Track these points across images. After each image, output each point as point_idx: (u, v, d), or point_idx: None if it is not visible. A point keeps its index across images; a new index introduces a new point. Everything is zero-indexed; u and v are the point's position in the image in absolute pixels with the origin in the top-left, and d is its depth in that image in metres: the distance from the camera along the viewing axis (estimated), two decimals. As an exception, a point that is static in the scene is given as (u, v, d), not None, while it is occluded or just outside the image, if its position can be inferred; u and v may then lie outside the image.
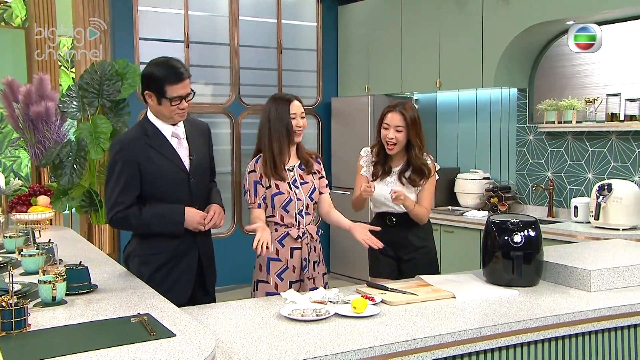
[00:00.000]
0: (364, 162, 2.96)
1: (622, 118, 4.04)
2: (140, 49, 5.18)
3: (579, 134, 4.41)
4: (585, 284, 2.27)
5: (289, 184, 2.62)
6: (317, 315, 1.92)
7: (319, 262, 2.70)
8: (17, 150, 5.34)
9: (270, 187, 2.61)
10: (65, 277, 1.96)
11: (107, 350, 1.48)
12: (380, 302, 2.09)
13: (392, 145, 2.82)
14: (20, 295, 1.90)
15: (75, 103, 4.40)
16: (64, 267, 2.05)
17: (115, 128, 4.31)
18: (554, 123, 4.38)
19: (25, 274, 2.27)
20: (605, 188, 3.83)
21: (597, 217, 3.84)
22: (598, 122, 4.20)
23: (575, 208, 4.12)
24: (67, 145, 4.22)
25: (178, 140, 2.44)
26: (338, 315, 1.94)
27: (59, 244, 2.87)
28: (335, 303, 2.07)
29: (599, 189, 3.86)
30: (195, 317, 1.92)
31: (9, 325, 1.59)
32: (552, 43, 4.59)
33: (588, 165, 4.38)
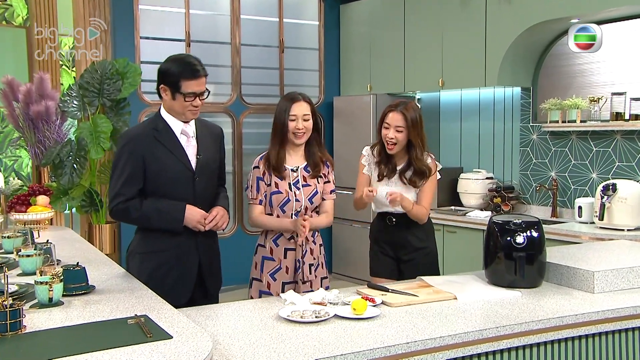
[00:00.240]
0: (366, 161, 2.95)
1: (627, 117, 4.00)
2: (141, 48, 5.17)
3: (583, 134, 4.38)
4: (589, 286, 2.24)
5: (290, 184, 2.61)
6: (316, 317, 1.90)
7: (318, 265, 2.67)
8: (18, 150, 5.34)
9: (271, 185, 2.61)
10: (62, 278, 1.95)
11: (102, 353, 1.47)
12: (381, 303, 2.07)
13: (392, 145, 2.80)
14: (17, 297, 1.88)
15: (76, 102, 4.39)
16: (61, 267, 2.03)
17: (116, 127, 4.30)
18: (558, 122, 4.35)
19: (23, 275, 2.26)
20: (610, 188, 3.80)
21: (601, 217, 3.82)
22: (602, 121, 4.17)
23: (580, 208, 4.10)
24: (67, 145, 4.21)
25: (187, 138, 2.44)
26: (338, 317, 1.92)
27: (58, 244, 2.87)
28: (335, 304, 2.05)
29: (604, 189, 3.83)
30: (194, 318, 1.91)
31: (4, 327, 1.58)
32: (555, 42, 4.56)
33: (592, 165, 4.35)
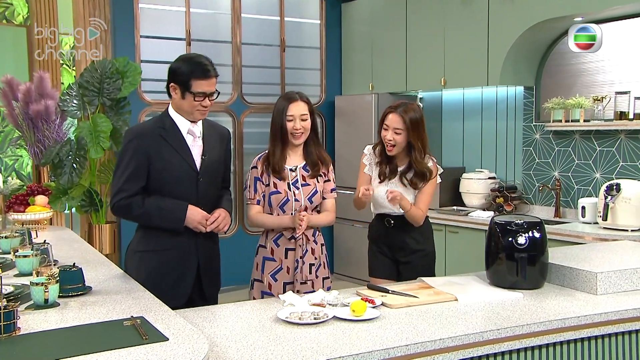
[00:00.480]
0: (367, 160, 2.93)
1: (631, 117, 3.97)
2: (141, 47, 5.16)
3: (587, 133, 4.34)
4: (592, 287, 2.21)
5: (289, 184, 2.59)
6: (315, 319, 1.88)
7: (320, 265, 2.65)
8: (18, 150, 5.33)
9: (269, 185, 2.60)
10: (59, 278, 1.93)
11: (96, 355, 1.45)
12: (381, 304, 2.05)
13: (390, 147, 2.79)
14: (12, 298, 1.87)
15: (76, 101, 4.38)
16: (58, 268, 2.02)
17: (116, 127, 4.28)
18: (561, 122, 4.32)
19: (20, 275, 2.25)
20: (614, 188, 3.77)
21: (605, 217, 3.79)
22: (606, 120, 4.13)
23: (583, 208, 4.06)
24: (66, 144, 4.20)
25: (193, 138, 2.43)
26: (336, 319, 1.90)
27: (56, 245, 2.85)
28: (335, 306, 2.03)
29: (607, 189, 3.80)
30: (191, 320, 1.89)
31: (-2, 329, 1.56)
32: (559, 40, 4.53)
33: (596, 165, 4.32)
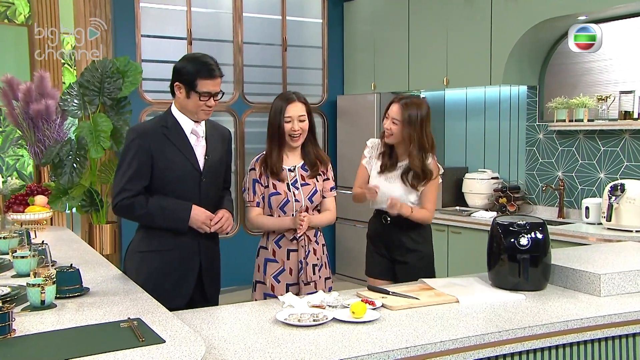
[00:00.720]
0: (368, 152, 2.92)
1: (635, 116, 3.94)
2: (142, 46, 5.15)
3: (591, 133, 4.31)
4: (595, 289, 2.19)
5: (288, 185, 2.57)
6: (314, 321, 1.86)
7: (322, 265, 2.64)
8: (20, 149, 5.33)
9: (268, 186, 2.57)
10: (56, 280, 1.91)
11: (92, 358, 1.43)
12: (381, 306, 2.04)
13: (388, 135, 2.78)
14: (8, 299, 1.85)
15: (76, 101, 4.36)
16: (55, 269, 2.00)
17: (116, 126, 4.27)
18: (565, 121, 4.29)
19: (17, 276, 2.23)
20: (618, 188, 3.74)
21: (609, 218, 3.75)
22: (610, 120, 4.10)
23: (587, 209, 4.04)
24: (67, 144, 4.19)
25: (196, 138, 2.42)
26: (336, 321, 1.88)
27: (55, 245, 2.84)
28: (334, 307, 2.02)
29: (612, 189, 3.77)
30: (189, 321, 1.88)
31: (-8, 331, 1.54)
32: (562, 39, 4.49)
33: (600, 165, 4.28)
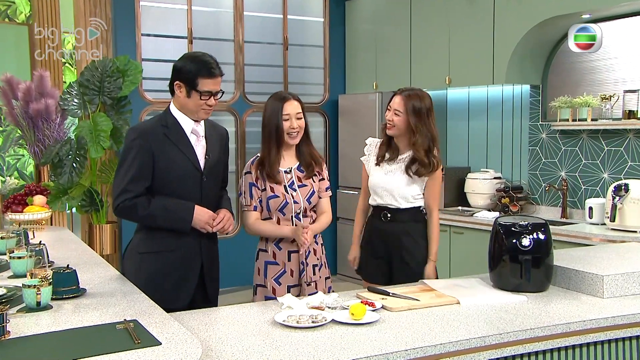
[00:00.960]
0: (368, 150, 2.91)
1: (639, 115, 3.90)
2: (143, 45, 5.14)
3: (594, 132, 4.28)
4: (598, 290, 2.16)
5: (285, 187, 2.54)
6: (313, 322, 1.84)
7: (321, 265, 2.63)
8: (20, 149, 5.32)
9: (265, 189, 2.53)
10: (52, 281, 1.89)
11: (86, 360, 1.41)
12: (381, 307, 2.01)
13: (390, 127, 2.76)
14: (4, 300, 1.83)
15: (76, 100, 4.35)
16: (51, 270, 1.98)
17: (116, 126, 4.25)
18: (568, 121, 4.26)
19: (14, 277, 2.22)
20: (622, 188, 3.71)
21: (612, 218, 3.72)
22: (614, 119, 4.07)
23: (590, 209, 4.00)
24: (66, 144, 4.17)
25: (197, 138, 2.40)
26: (335, 322, 1.86)
27: (54, 245, 2.83)
28: (334, 309, 2.00)
29: (615, 190, 3.74)
30: (187, 323, 1.86)
31: (-14, 333, 1.53)
32: (566, 38, 4.44)
33: (604, 165, 4.25)
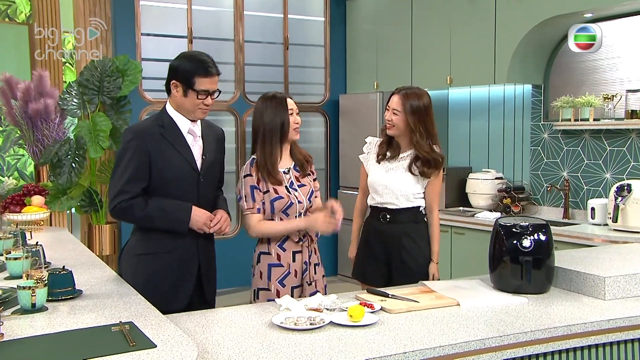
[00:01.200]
0: (367, 148, 2.90)
1: (642, 115, 3.88)
2: (142, 45, 5.13)
3: (597, 132, 4.25)
4: (600, 292, 2.14)
5: (287, 188, 2.52)
6: (311, 324, 1.82)
7: (319, 264, 2.63)
8: (20, 149, 5.32)
9: (269, 191, 2.49)
10: (47, 282, 1.88)
11: (79, 363, 1.40)
12: (380, 309, 1.99)
13: (389, 127, 2.74)
14: (0, 302, 1.82)
15: (76, 100, 4.34)
16: (47, 271, 1.96)
17: (116, 126, 4.24)
18: (570, 121, 4.23)
19: (10, 278, 2.21)
20: (625, 189, 3.68)
21: (615, 219, 3.69)
22: (617, 119, 4.04)
23: (592, 210, 3.97)
24: (65, 144, 4.16)
25: (193, 138, 2.39)
26: (333, 324, 1.84)
27: (51, 246, 2.82)
28: (332, 310, 1.98)
29: (618, 190, 3.71)
30: (184, 325, 1.84)
31: (-21, 335, 1.51)
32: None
33: (606, 165, 4.22)
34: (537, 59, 4.54)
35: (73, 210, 4.61)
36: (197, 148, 2.39)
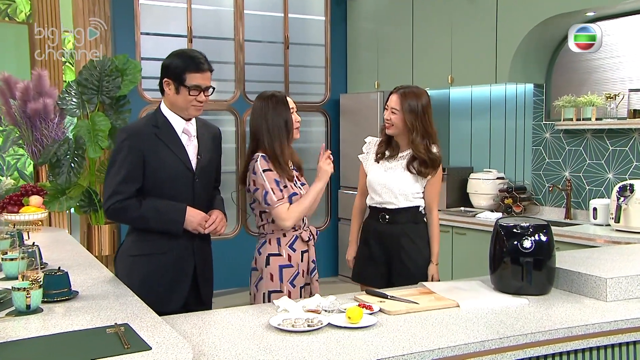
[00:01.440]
0: (366, 147, 2.89)
1: (644, 115, 3.86)
2: (142, 44, 5.12)
3: (599, 132, 4.22)
4: (601, 293, 2.11)
5: (296, 184, 2.52)
6: (308, 326, 1.80)
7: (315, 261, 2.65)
8: (20, 149, 5.32)
9: (287, 187, 2.46)
10: (42, 283, 1.86)
11: (73, 366, 1.38)
12: (379, 311, 1.98)
13: (388, 127, 2.73)
14: (-6, 303, 1.80)
15: (75, 100, 4.33)
16: (43, 272, 1.95)
17: (115, 126, 4.22)
18: (572, 120, 4.21)
19: (6, 279, 2.19)
20: (627, 189, 3.66)
21: (617, 219, 3.67)
22: (619, 119, 4.02)
23: (595, 210, 3.95)
24: (64, 143, 4.15)
25: (188, 137, 2.37)
26: (331, 326, 1.83)
27: (49, 247, 2.80)
28: (330, 312, 1.96)
29: (620, 190, 3.69)
30: (180, 327, 1.83)
31: (-29, 337, 1.49)
32: (570, 36, 4.41)
33: (608, 165, 4.20)
34: (538, 58, 4.52)
35: (72, 211, 4.59)
36: (192, 148, 2.37)
